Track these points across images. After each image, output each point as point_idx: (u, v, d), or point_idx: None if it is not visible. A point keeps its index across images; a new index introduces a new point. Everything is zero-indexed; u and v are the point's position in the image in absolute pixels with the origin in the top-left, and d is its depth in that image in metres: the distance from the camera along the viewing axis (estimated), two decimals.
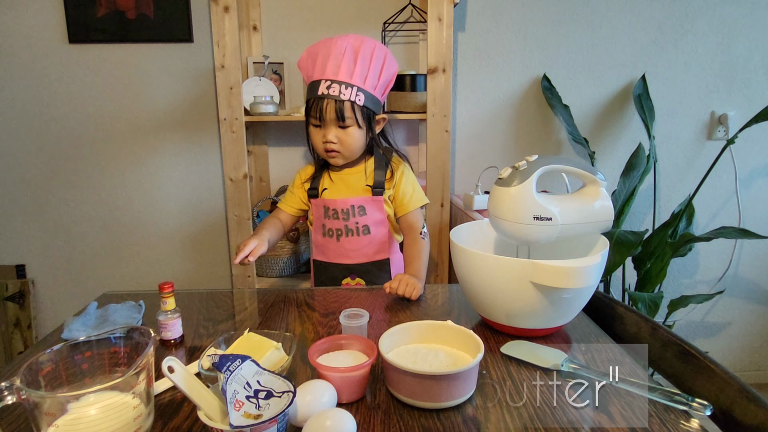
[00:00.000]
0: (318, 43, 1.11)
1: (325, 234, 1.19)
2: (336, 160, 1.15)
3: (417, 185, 1.21)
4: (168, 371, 0.51)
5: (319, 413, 0.56)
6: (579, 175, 0.87)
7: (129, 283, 2.01)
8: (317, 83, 1.07)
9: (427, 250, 1.16)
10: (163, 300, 0.81)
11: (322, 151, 1.14)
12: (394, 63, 1.15)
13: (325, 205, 1.18)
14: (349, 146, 1.12)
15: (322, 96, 1.06)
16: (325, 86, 1.06)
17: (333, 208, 1.17)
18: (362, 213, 1.16)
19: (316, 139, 1.13)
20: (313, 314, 0.94)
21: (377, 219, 1.17)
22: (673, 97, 1.90)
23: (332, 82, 1.06)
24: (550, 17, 1.84)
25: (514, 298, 0.78)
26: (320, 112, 1.08)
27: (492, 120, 1.92)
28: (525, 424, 0.59)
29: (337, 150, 1.12)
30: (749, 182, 1.97)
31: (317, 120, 1.10)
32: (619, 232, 1.58)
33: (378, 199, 1.16)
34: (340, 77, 1.06)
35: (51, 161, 1.90)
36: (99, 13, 1.78)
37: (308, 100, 1.11)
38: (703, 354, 0.71)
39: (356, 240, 1.17)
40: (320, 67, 1.08)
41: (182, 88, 1.87)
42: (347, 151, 1.13)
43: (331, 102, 1.07)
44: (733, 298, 2.07)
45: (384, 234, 1.19)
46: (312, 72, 1.10)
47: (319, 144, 1.13)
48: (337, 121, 1.08)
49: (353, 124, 1.10)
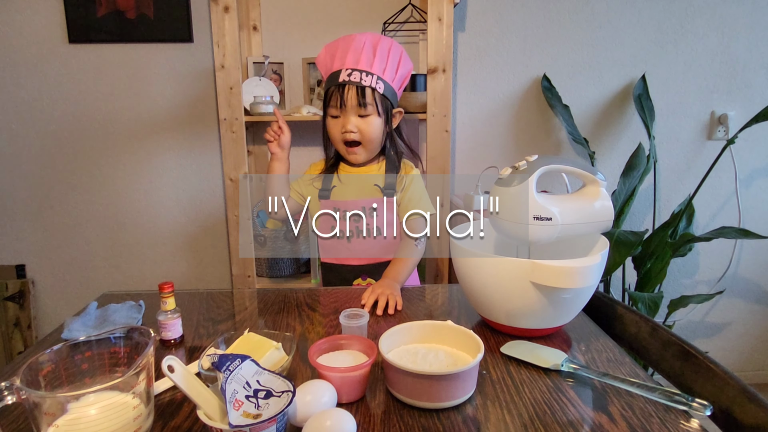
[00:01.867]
0: (337, 40, 1.12)
1: (335, 235, 1.18)
2: (356, 156, 1.13)
3: (425, 194, 1.20)
4: (168, 371, 0.51)
5: (319, 413, 0.56)
6: (579, 175, 0.87)
7: (129, 283, 2.01)
8: (337, 73, 1.08)
9: (417, 258, 1.14)
10: (163, 300, 0.81)
11: (341, 143, 1.12)
12: (409, 62, 1.16)
13: (335, 206, 1.16)
14: (369, 136, 1.11)
15: (343, 83, 1.06)
16: (346, 74, 1.06)
17: (344, 209, 1.15)
18: (373, 214, 1.15)
19: (335, 130, 1.11)
20: (313, 314, 0.94)
21: (388, 219, 1.16)
22: (673, 97, 1.90)
23: (353, 70, 1.06)
24: (550, 17, 1.84)
25: (514, 298, 0.78)
26: (341, 98, 1.07)
27: (492, 120, 1.92)
28: (525, 424, 0.59)
29: (358, 140, 1.11)
30: (749, 182, 1.97)
31: (337, 109, 1.09)
32: (619, 232, 1.58)
33: (390, 200, 1.15)
34: (360, 66, 1.07)
35: (51, 161, 1.90)
36: (99, 13, 1.78)
37: (327, 90, 1.11)
38: (703, 354, 0.71)
39: (367, 241, 1.16)
40: (340, 58, 1.08)
41: (182, 88, 1.87)
42: (367, 142, 1.12)
43: (353, 88, 1.07)
44: (733, 298, 2.07)
45: (395, 232, 1.18)
46: (331, 65, 1.10)
47: (337, 136, 1.11)
48: (359, 107, 1.08)
49: (373, 112, 1.09)
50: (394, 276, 1.06)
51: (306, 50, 1.87)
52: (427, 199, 1.19)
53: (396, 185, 1.15)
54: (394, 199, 1.16)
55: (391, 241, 1.18)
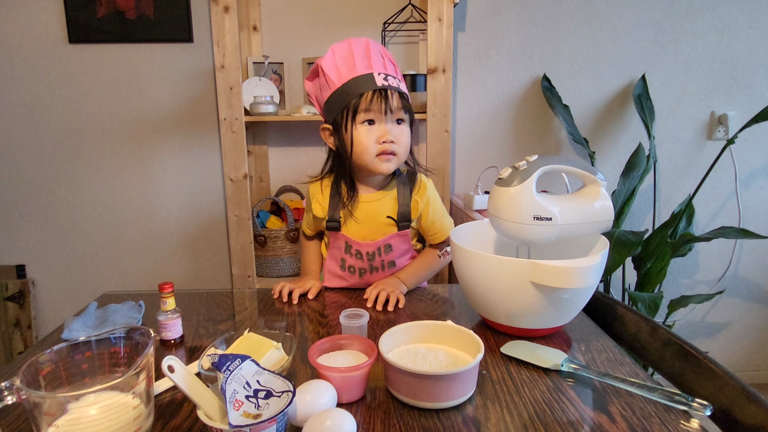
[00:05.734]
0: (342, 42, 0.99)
1: (345, 269, 1.08)
2: (390, 164, 0.99)
3: (443, 209, 1.10)
4: (168, 371, 0.51)
5: (319, 413, 0.56)
6: (579, 175, 0.87)
7: (129, 283, 2.01)
8: (367, 76, 0.94)
9: (436, 268, 1.09)
10: (163, 300, 0.81)
11: (374, 154, 0.97)
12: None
13: (347, 242, 1.05)
14: (404, 146, 0.99)
15: (383, 87, 0.94)
16: (381, 78, 0.94)
17: (356, 249, 1.05)
18: (388, 251, 1.05)
19: (369, 141, 0.96)
20: (313, 314, 0.94)
21: (403, 251, 1.07)
22: (673, 97, 1.90)
23: (387, 75, 0.95)
24: (550, 17, 1.84)
25: (514, 298, 0.78)
26: (386, 104, 0.94)
27: (492, 120, 1.92)
28: (525, 424, 0.59)
29: (394, 152, 0.97)
30: (749, 182, 1.97)
31: (379, 113, 0.95)
32: (619, 232, 1.58)
33: (404, 233, 1.05)
34: (387, 71, 0.97)
35: (51, 161, 1.90)
36: (99, 13, 1.78)
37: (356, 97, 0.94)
38: (703, 354, 0.71)
39: (381, 274, 1.08)
40: (362, 61, 0.96)
41: (182, 88, 1.87)
42: (403, 153, 1.00)
43: (395, 93, 0.95)
44: (733, 298, 2.07)
45: (409, 258, 1.11)
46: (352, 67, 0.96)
47: (370, 146, 0.96)
48: (403, 113, 0.98)
49: (407, 121, 1.00)
50: (404, 277, 1.04)
51: (306, 50, 1.87)
52: (446, 215, 1.10)
53: (411, 213, 1.04)
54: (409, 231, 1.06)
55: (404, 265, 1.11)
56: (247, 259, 1.69)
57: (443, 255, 1.10)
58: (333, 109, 0.98)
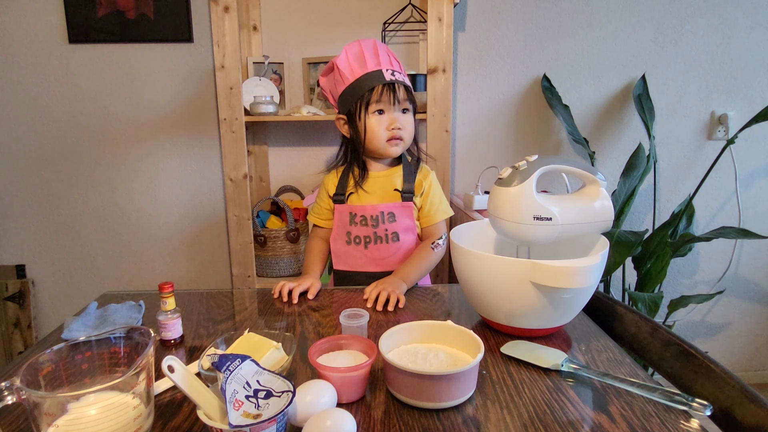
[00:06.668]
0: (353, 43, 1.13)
1: (351, 242, 1.16)
2: (397, 148, 1.14)
3: (443, 196, 1.20)
4: (168, 370, 0.51)
5: (319, 413, 0.56)
6: (579, 175, 0.87)
7: (129, 283, 2.01)
8: (377, 72, 1.09)
9: (432, 261, 1.13)
10: (163, 300, 0.81)
11: (385, 140, 1.12)
12: None
13: (351, 211, 1.14)
14: (410, 132, 1.15)
15: (391, 81, 1.09)
16: (389, 73, 1.09)
17: (361, 214, 1.14)
18: (392, 219, 1.13)
19: (380, 128, 1.11)
20: (313, 314, 0.94)
21: (406, 225, 1.14)
22: (673, 97, 1.90)
23: (393, 71, 1.10)
24: (550, 17, 1.84)
25: (514, 298, 0.78)
26: (394, 95, 1.10)
27: (492, 120, 1.92)
28: (525, 424, 0.59)
29: (402, 137, 1.13)
30: (749, 182, 1.97)
31: (388, 104, 1.10)
32: (619, 232, 1.58)
33: (408, 204, 1.14)
34: (393, 67, 1.11)
35: (51, 161, 1.90)
36: (99, 13, 1.78)
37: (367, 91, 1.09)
38: (703, 354, 0.71)
39: (385, 248, 1.14)
40: (372, 59, 1.10)
41: (182, 88, 1.87)
42: (408, 137, 1.15)
43: (401, 86, 1.11)
44: (733, 298, 2.07)
45: (412, 240, 1.16)
46: (363, 64, 1.10)
47: (381, 133, 1.11)
48: (408, 103, 1.13)
49: (411, 110, 1.15)
50: (403, 275, 1.06)
51: (306, 50, 1.87)
52: (445, 201, 1.19)
53: (415, 189, 1.15)
54: (413, 204, 1.15)
55: (408, 248, 1.16)
56: (247, 259, 1.69)
57: (435, 247, 1.14)
58: (347, 101, 1.12)
